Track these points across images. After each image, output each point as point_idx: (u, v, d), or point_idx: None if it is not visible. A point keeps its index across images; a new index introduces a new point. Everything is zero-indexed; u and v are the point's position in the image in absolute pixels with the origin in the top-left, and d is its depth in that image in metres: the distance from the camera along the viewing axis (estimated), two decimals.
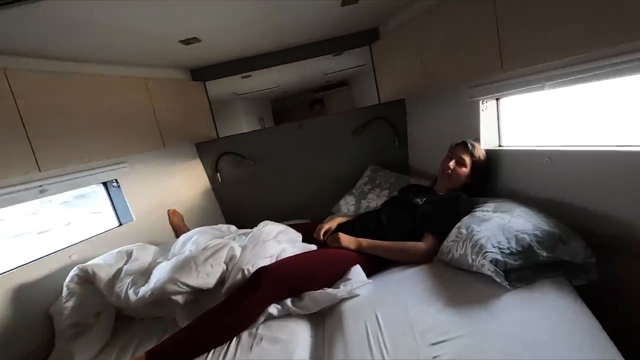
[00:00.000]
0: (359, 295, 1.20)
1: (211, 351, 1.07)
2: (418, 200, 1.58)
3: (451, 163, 1.59)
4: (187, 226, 2.11)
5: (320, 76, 2.57)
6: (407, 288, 1.19)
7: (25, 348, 1.28)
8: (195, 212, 2.33)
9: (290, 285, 1.21)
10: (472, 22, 1.33)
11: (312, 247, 1.51)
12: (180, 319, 1.25)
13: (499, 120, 1.67)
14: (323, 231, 1.59)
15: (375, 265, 1.40)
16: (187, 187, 2.37)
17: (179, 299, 1.23)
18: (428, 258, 1.35)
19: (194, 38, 1.63)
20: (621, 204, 1.10)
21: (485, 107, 1.64)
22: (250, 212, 2.44)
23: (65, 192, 1.63)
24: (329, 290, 1.20)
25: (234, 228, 1.76)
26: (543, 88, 1.27)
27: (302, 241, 1.56)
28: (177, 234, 2.02)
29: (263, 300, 1.16)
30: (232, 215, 2.56)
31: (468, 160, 1.57)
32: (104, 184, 1.84)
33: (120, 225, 1.85)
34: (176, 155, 2.30)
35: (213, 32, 1.66)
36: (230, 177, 2.54)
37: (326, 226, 1.62)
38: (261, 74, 2.38)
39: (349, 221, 1.69)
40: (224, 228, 1.73)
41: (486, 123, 1.66)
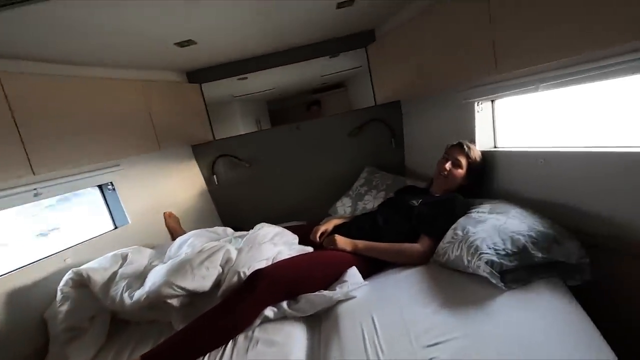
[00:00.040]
0: (355, 297, 1.20)
1: (207, 354, 1.07)
2: (414, 201, 1.58)
3: (447, 164, 1.60)
4: (183, 229, 2.10)
5: (316, 78, 2.58)
6: (403, 290, 1.19)
7: (19, 352, 1.27)
8: (192, 215, 2.32)
9: (286, 287, 1.20)
10: (466, 23, 1.34)
11: (309, 249, 1.51)
12: (176, 322, 1.24)
13: (494, 121, 1.68)
14: (319, 233, 1.59)
15: (371, 267, 1.40)
16: (183, 190, 2.36)
17: (175, 302, 1.22)
18: (424, 259, 1.35)
19: (189, 40, 1.63)
20: (615, 204, 1.11)
21: (481, 109, 1.65)
22: (247, 214, 2.44)
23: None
24: (325, 292, 1.20)
25: (230, 230, 1.75)
26: (537, 89, 1.28)
27: (299, 243, 1.55)
28: (173, 237, 2.01)
29: (259, 303, 1.15)
30: (229, 218, 2.55)
31: (464, 162, 1.58)
32: (99, 186, 1.83)
33: (116, 228, 1.84)
34: (172, 157, 2.29)
35: (209, 35, 1.66)
36: (226, 179, 2.53)
37: (322, 228, 1.62)
38: (257, 76, 2.37)
39: (345, 223, 1.69)
40: (220, 230, 1.72)
41: (481, 124, 1.67)
